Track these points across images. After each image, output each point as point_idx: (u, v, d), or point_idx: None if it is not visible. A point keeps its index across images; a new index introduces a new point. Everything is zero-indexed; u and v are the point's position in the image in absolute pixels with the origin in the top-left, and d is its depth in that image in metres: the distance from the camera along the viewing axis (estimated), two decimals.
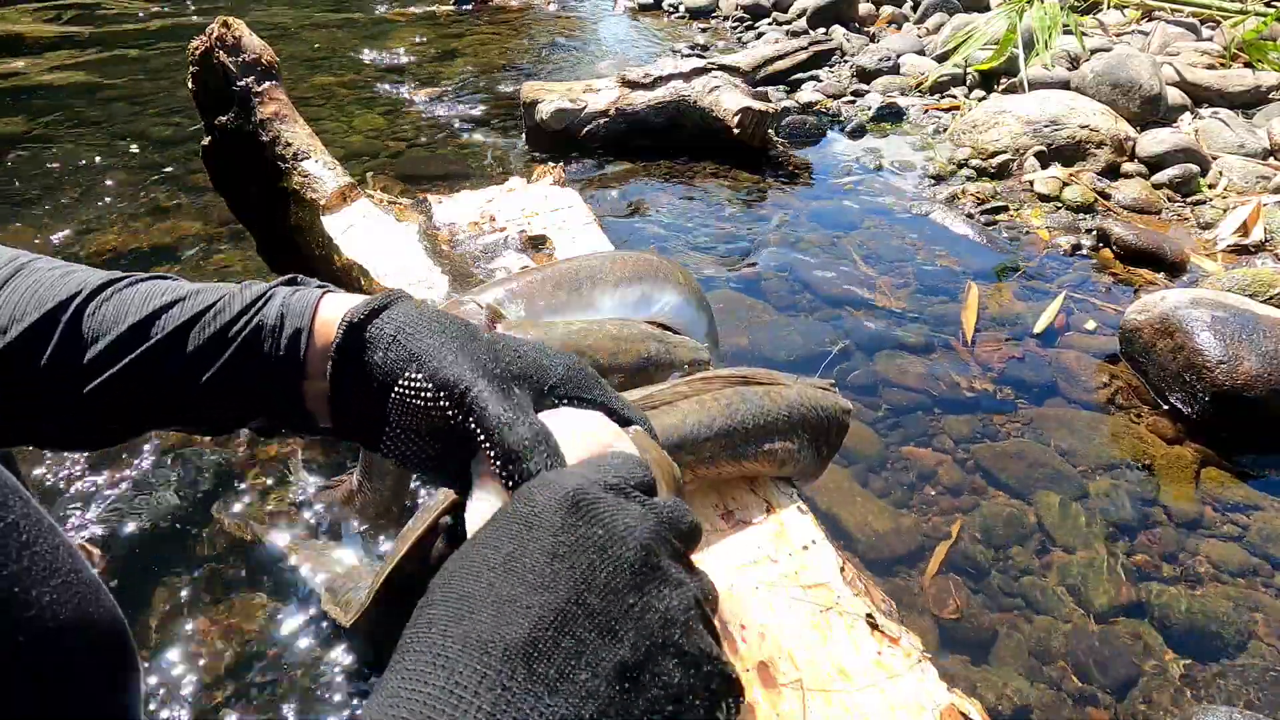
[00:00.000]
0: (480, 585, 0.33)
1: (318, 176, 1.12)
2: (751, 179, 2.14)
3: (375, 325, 0.46)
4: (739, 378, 0.70)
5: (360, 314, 0.46)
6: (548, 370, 0.47)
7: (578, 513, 0.35)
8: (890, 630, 0.60)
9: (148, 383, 0.48)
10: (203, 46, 1.12)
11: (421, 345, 0.45)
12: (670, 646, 0.33)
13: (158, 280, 0.52)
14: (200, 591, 0.89)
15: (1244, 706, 0.85)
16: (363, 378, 0.46)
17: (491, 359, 0.45)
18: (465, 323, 0.48)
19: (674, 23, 4.03)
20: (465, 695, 0.29)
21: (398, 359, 0.45)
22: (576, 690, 0.30)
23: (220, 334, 0.48)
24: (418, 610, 0.35)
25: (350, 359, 0.46)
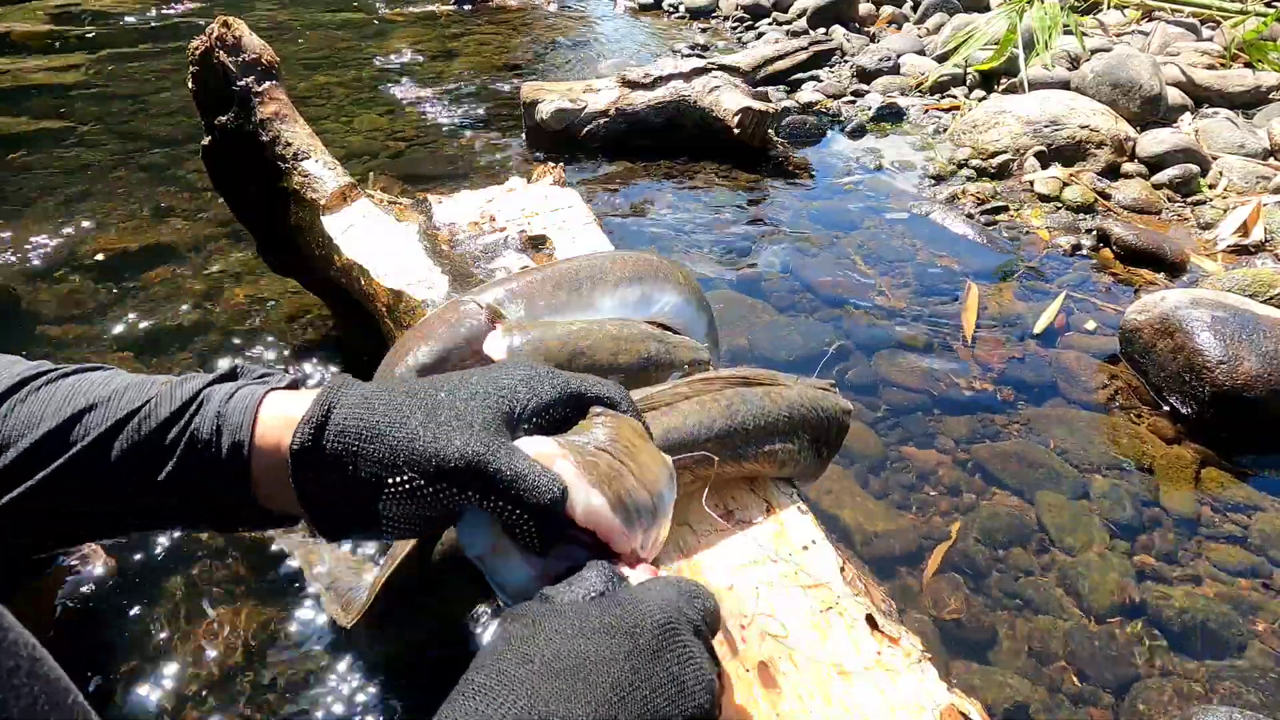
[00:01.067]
0: (574, 668, 0.37)
1: (318, 176, 1.12)
2: (751, 179, 2.14)
3: (330, 439, 0.44)
4: (739, 378, 0.70)
5: (307, 436, 0.44)
6: (513, 396, 0.47)
7: (670, 647, 0.39)
8: (890, 630, 0.60)
9: (68, 497, 0.45)
10: (203, 46, 1.12)
11: (395, 446, 0.43)
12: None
13: (80, 374, 0.49)
14: (200, 591, 0.89)
15: (1244, 706, 0.85)
16: (338, 492, 0.44)
17: (469, 415, 0.44)
18: (408, 387, 0.47)
19: (674, 23, 4.03)
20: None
21: (373, 469, 0.43)
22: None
23: (148, 443, 0.45)
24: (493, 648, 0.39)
25: (314, 480, 0.44)
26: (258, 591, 0.89)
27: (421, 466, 0.43)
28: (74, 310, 1.47)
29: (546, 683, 0.36)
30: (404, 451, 0.43)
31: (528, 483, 0.42)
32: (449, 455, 0.42)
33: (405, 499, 0.43)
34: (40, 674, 0.30)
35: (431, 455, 0.43)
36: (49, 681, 0.30)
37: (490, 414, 0.45)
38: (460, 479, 0.43)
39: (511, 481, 0.42)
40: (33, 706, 0.28)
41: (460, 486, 0.43)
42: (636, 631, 0.39)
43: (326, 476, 0.44)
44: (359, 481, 0.44)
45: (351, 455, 0.43)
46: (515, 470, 0.42)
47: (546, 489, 0.42)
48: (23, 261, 1.62)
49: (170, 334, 1.40)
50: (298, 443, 0.44)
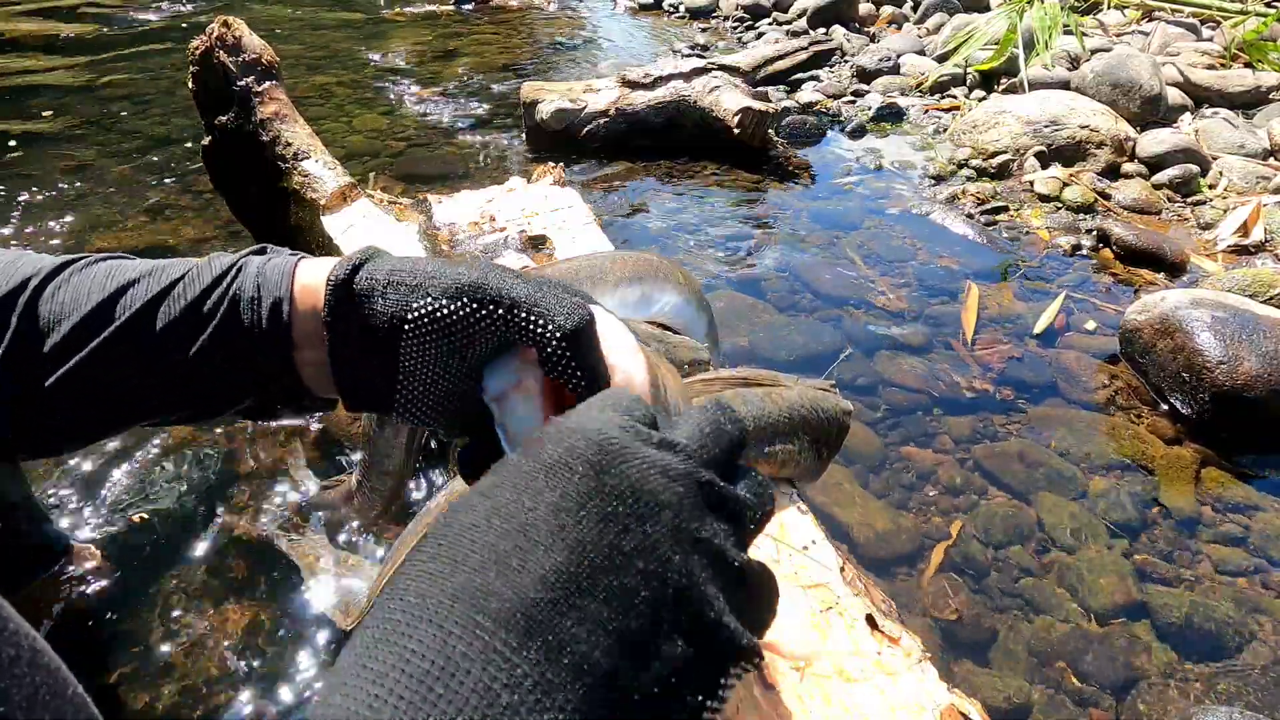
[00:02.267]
0: (485, 536, 0.29)
1: (318, 176, 1.12)
2: (751, 179, 2.14)
3: (363, 278, 0.44)
4: (740, 379, 0.70)
5: (344, 272, 0.44)
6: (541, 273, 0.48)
7: (604, 466, 0.30)
8: (890, 630, 0.60)
9: (117, 368, 0.45)
10: (203, 46, 1.12)
11: (420, 276, 0.44)
12: (683, 619, 0.29)
13: (118, 260, 0.50)
14: (199, 592, 0.89)
15: (1244, 706, 0.85)
16: (364, 333, 0.44)
17: (489, 266, 0.44)
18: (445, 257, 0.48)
19: (674, 23, 4.03)
20: (454, 658, 0.25)
21: (400, 297, 0.43)
22: (576, 662, 0.26)
23: (192, 309, 0.46)
24: (409, 557, 0.30)
25: (345, 318, 0.44)
26: (257, 592, 0.89)
27: (442, 285, 0.42)
28: None
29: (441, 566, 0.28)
30: (427, 276, 0.43)
31: (552, 300, 0.41)
32: (473, 275, 0.42)
33: (427, 327, 0.42)
34: (41, 664, 0.29)
35: (452, 275, 0.43)
36: (50, 672, 0.29)
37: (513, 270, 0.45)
38: (479, 295, 0.42)
39: (537, 298, 0.41)
40: (34, 695, 0.28)
41: (480, 302, 0.41)
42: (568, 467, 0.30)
43: (355, 312, 0.44)
44: (385, 316, 0.43)
45: (380, 288, 0.43)
46: (541, 289, 0.41)
47: (575, 307, 0.41)
48: None
49: None
50: (334, 276, 0.44)
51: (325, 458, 1.08)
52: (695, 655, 0.29)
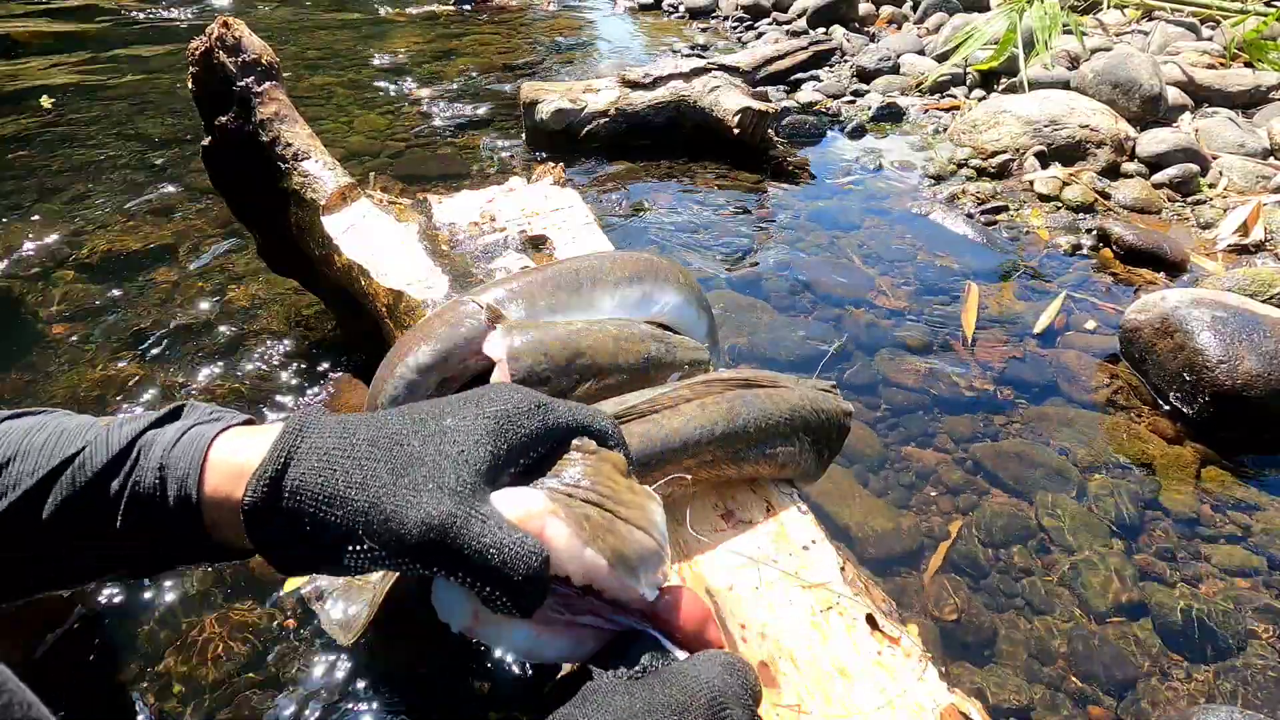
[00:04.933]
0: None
1: (318, 177, 1.12)
2: (751, 179, 2.14)
3: (287, 496, 0.40)
4: (741, 380, 0.70)
5: (260, 492, 0.40)
6: (495, 437, 0.43)
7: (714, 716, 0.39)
8: (890, 630, 0.60)
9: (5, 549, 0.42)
10: (203, 47, 1.12)
11: (354, 514, 0.39)
12: None
13: (7, 421, 0.46)
14: (198, 596, 0.89)
15: (1244, 706, 0.85)
16: (296, 546, 0.41)
17: (433, 476, 0.40)
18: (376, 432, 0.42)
19: (674, 23, 4.03)
20: None
21: (334, 536, 0.40)
22: None
23: (84, 496, 0.42)
24: None
25: (270, 534, 0.41)
26: (257, 602, 0.89)
27: (383, 539, 0.39)
28: (74, 310, 1.47)
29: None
30: (363, 521, 0.39)
31: (501, 556, 0.38)
32: (412, 528, 0.38)
33: (369, 563, 0.40)
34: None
35: (395, 527, 0.39)
36: None
37: (468, 467, 0.41)
38: (425, 554, 0.39)
39: (482, 555, 0.38)
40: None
41: (424, 562, 0.39)
42: (685, 709, 0.39)
43: (283, 532, 0.41)
44: (319, 542, 0.40)
45: (309, 517, 0.40)
46: (485, 543, 0.38)
47: (523, 563, 0.39)
48: (23, 261, 1.62)
49: (171, 334, 1.40)
50: (249, 501, 0.40)
51: None
52: None
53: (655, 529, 0.45)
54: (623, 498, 0.45)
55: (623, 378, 0.73)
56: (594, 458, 0.46)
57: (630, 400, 0.65)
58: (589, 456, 0.46)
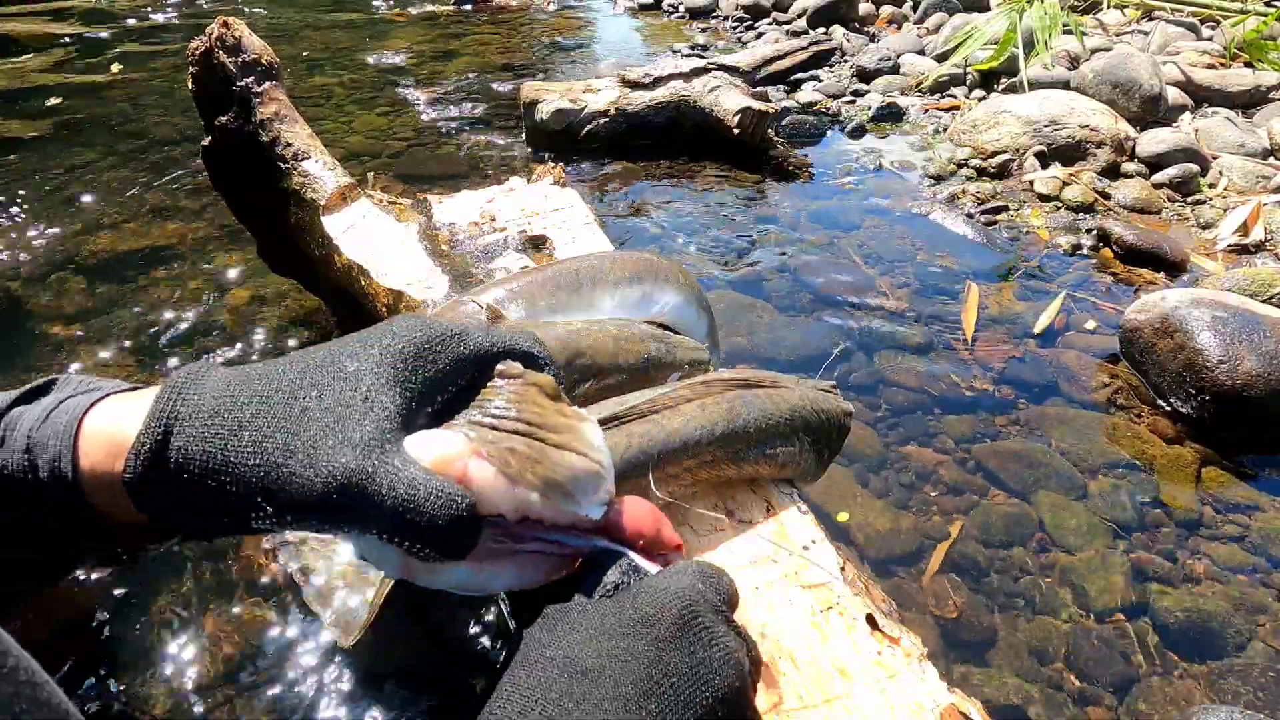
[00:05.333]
0: (598, 667, 0.36)
1: (318, 177, 1.12)
2: (751, 179, 2.14)
3: (175, 463, 0.37)
4: (741, 381, 0.70)
5: (143, 461, 0.37)
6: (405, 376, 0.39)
7: (692, 630, 0.38)
8: (890, 630, 0.61)
9: None
10: (203, 46, 1.12)
11: (247, 476, 0.36)
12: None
13: None
14: (198, 596, 0.89)
15: (1244, 706, 0.85)
16: (193, 514, 0.38)
17: (334, 429, 0.37)
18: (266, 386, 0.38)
19: (674, 23, 4.03)
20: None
21: (230, 505, 0.37)
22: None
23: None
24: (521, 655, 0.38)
25: (161, 502, 0.38)
26: (257, 600, 0.89)
27: (285, 504, 0.36)
28: (74, 310, 1.47)
29: (569, 687, 0.36)
30: (260, 489, 0.36)
31: (418, 510, 0.35)
32: (312, 486, 0.35)
33: (276, 526, 0.37)
34: (42, 699, 0.29)
35: (295, 491, 0.35)
36: (50, 707, 0.30)
37: (372, 415, 0.37)
38: (334, 514, 0.36)
39: (396, 510, 0.35)
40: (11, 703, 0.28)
41: (334, 524, 0.37)
42: (655, 621, 0.38)
43: (175, 504, 0.38)
44: (216, 511, 0.37)
45: (199, 488, 0.37)
46: (398, 497, 0.35)
47: (444, 512, 0.36)
48: (23, 261, 1.62)
49: (171, 334, 1.40)
50: (129, 478, 0.37)
51: None
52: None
53: (591, 449, 0.43)
54: (551, 421, 0.42)
55: (623, 378, 0.73)
56: (519, 383, 0.43)
57: (630, 400, 0.65)
58: (513, 382, 0.43)
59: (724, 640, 0.39)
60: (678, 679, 0.37)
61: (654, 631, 0.38)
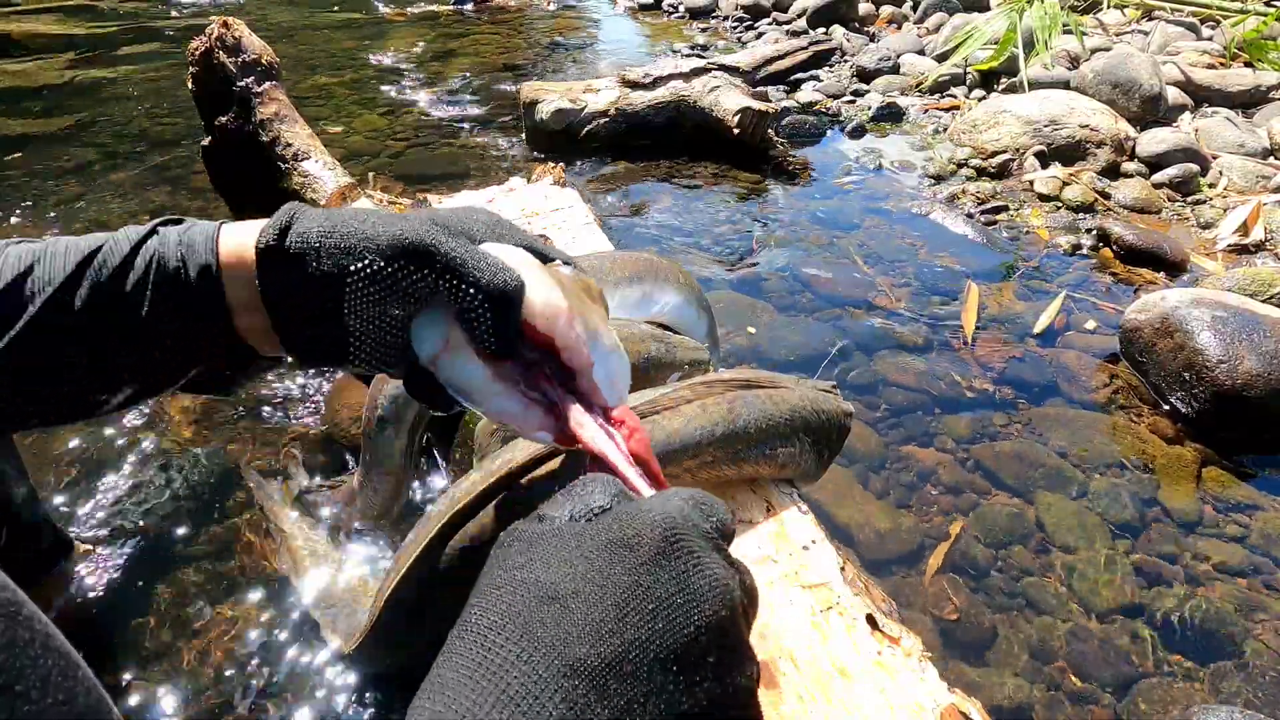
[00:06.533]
0: (572, 591, 0.34)
1: (318, 176, 1.12)
2: (751, 179, 2.14)
3: (293, 240, 0.45)
4: (741, 381, 0.70)
5: (272, 236, 0.45)
6: (471, 223, 0.47)
7: (675, 555, 0.36)
8: (890, 630, 0.61)
9: (43, 351, 0.45)
10: (203, 47, 1.12)
11: (353, 235, 0.44)
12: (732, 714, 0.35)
13: (18, 245, 0.48)
14: (198, 594, 0.89)
15: (1244, 706, 0.85)
16: (303, 296, 0.45)
17: (426, 219, 0.45)
18: (376, 209, 0.48)
19: (674, 23, 4.03)
20: (541, 698, 0.31)
21: (335, 260, 0.44)
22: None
23: (114, 280, 0.45)
24: (491, 578, 0.36)
25: (280, 283, 0.45)
26: (256, 594, 0.89)
27: (379, 246, 0.43)
28: None
29: (541, 610, 0.33)
30: (363, 236, 0.44)
31: (484, 265, 0.43)
32: (406, 233, 0.43)
33: (367, 287, 0.44)
34: (53, 647, 0.31)
35: (390, 235, 0.44)
36: (61, 654, 0.31)
37: (446, 220, 0.46)
38: (417, 256, 0.43)
39: (467, 261, 0.43)
40: (48, 677, 0.29)
41: (417, 263, 0.43)
42: (636, 543, 0.36)
43: (291, 275, 0.45)
44: (323, 276, 0.44)
45: (314, 251, 0.44)
46: (472, 252, 0.43)
47: (504, 273, 0.43)
48: None
49: None
50: (263, 242, 0.45)
51: (326, 459, 1.08)
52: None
53: (612, 333, 0.48)
54: (592, 311, 0.47)
55: None
56: (574, 274, 0.49)
57: (630, 401, 0.65)
58: (570, 273, 0.49)
59: (710, 567, 0.36)
60: (656, 605, 0.34)
61: (634, 556, 0.35)
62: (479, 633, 0.33)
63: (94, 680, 0.32)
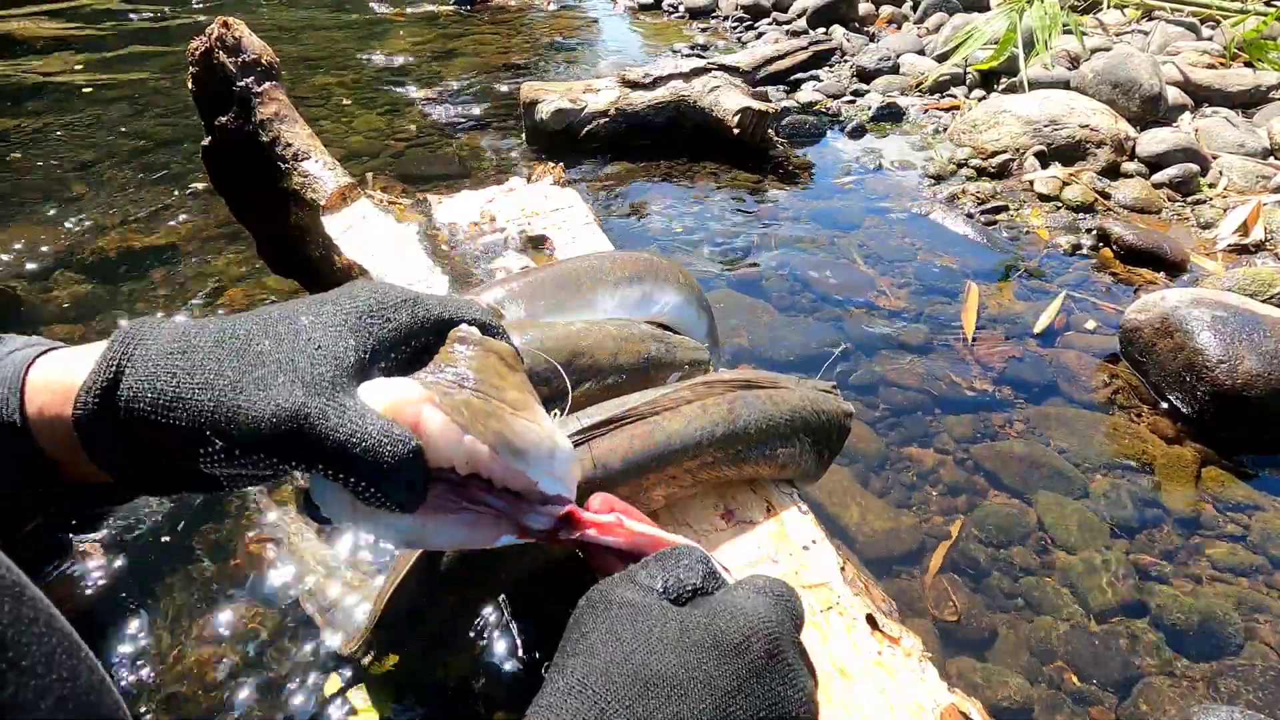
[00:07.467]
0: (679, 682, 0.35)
1: (318, 177, 1.11)
2: (751, 179, 2.14)
3: (124, 403, 0.37)
4: (741, 381, 0.70)
5: (92, 399, 0.37)
6: (360, 330, 0.40)
7: (774, 668, 0.37)
8: (890, 630, 0.61)
9: None
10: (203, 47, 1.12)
11: (200, 411, 0.36)
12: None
13: None
14: (199, 595, 0.89)
15: (1244, 706, 0.85)
16: (143, 463, 0.39)
17: (292, 378, 0.37)
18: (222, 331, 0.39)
19: (674, 23, 4.03)
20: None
21: (178, 442, 0.37)
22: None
23: None
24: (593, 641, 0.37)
25: (111, 452, 0.38)
26: (257, 595, 0.89)
27: (231, 435, 0.36)
28: (74, 310, 1.47)
29: (650, 694, 0.35)
30: (209, 420, 0.36)
31: (364, 446, 0.36)
32: (261, 418, 0.35)
33: (225, 466, 0.37)
34: (56, 627, 0.31)
35: (244, 422, 0.35)
36: (64, 634, 0.31)
37: (326, 360, 0.38)
38: (280, 446, 0.36)
39: (342, 446, 0.36)
40: (51, 655, 0.30)
41: (282, 455, 0.36)
42: (743, 650, 0.37)
43: (126, 447, 0.38)
44: (168, 451, 0.37)
45: (150, 425, 0.37)
46: (345, 433, 0.36)
47: (390, 451, 0.36)
48: (23, 261, 1.62)
49: None
50: (80, 414, 0.37)
51: None
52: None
53: (548, 426, 0.43)
54: (510, 395, 0.42)
55: (622, 378, 0.73)
56: (478, 349, 0.42)
57: (630, 401, 0.65)
58: (473, 348, 0.42)
59: (803, 680, 0.38)
60: (753, 712, 0.36)
61: (741, 660, 0.37)
62: (583, 703, 0.34)
63: (95, 661, 0.33)
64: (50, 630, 0.30)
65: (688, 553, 0.41)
